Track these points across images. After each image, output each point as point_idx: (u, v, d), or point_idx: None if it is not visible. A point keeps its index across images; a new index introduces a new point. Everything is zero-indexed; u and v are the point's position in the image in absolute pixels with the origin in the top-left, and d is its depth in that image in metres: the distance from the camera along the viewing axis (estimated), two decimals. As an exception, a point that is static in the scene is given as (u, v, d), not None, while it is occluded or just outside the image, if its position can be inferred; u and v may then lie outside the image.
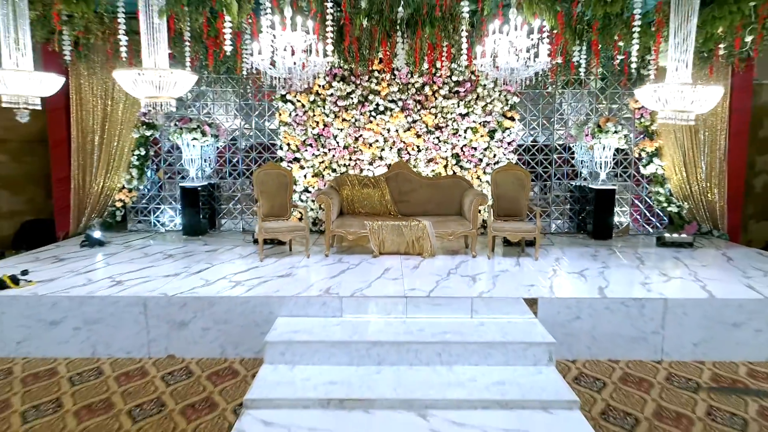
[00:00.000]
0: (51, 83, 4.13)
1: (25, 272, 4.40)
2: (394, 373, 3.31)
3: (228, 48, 4.36)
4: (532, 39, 3.96)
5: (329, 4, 4.01)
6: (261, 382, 3.22)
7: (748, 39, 4.35)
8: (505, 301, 3.96)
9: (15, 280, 4.13)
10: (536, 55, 4.03)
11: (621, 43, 4.67)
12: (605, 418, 3.10)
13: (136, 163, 6.49)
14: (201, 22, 4.39)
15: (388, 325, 3.75)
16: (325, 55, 4.20)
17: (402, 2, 4.05)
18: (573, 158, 6.68)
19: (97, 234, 5.78)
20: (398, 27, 4.48)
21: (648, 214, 6.73)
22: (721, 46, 4.84)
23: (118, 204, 6.52)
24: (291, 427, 2.80)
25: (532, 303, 3.96)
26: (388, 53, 5.06)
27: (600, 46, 4.79)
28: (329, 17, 4.14)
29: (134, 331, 3.90)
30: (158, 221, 6.74)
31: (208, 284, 4.24)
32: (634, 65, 4.45)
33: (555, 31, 4.47)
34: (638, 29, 4.27)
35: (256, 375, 3.39)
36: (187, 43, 4.89)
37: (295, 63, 3.95)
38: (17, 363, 3.83)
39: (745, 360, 3.89)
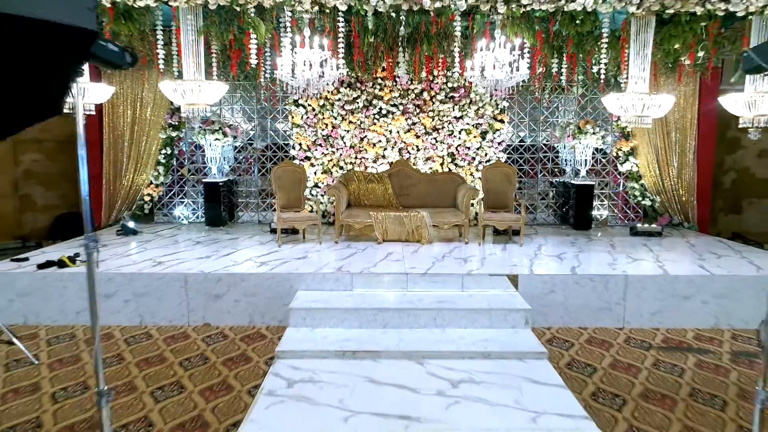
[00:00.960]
0: (104, 92, 4.83)
1: (77, 255, 5.09)
2: (396, 333, 4.02)
3: (252, 61, 5.06)
4: (513, 54, 4.67)
5: (341, 25, 4.71)
6: (288, 339, 3.92)
7: (701, 54, 5.04)
8: (490, 278, 4.66)
9: (72, 260, 4.84)
10: (517, 68, 4.74)
11: (594, 56, 5.37)
12: (569, 367, 3.80)
13: (163, 161, 7.19)
14: (229, 38, 5.09)
15: (392, 296, 4.45)
16: (338, 68, 4.90)
17: (403, 22, 4.74)
18: (557, 157, 7.39)
19: (131, 224, 6.49)
20: (400, 43, 5.18)
21: (625, 207, 7.44)
22: (682, 59, 5.54)
23: (146, 198, 7.22)
24: (314, 371, 3.50)
25: (513, 279, 4.67)
26: (390, 64, 5.77)
27: (577, 58, 5.50)
28: (341, 35, 4.84)
29: (176, 302, 4.60)
30: (182, 214, 7.44)
31: (237, 264, 4.94)
32: (602, 75, 5.15)
33: (536, 46, 5.17)
34: (606, 45, 4.97)
35: (281, 337, 4.08)
36: (214, 55, 5.60)
37: (310, 77, 4.66)
38: (78, 329, 4.52)
39: (693, 327, 4.60)
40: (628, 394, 3.40)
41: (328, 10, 4.49)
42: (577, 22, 4.67)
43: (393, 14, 4.57)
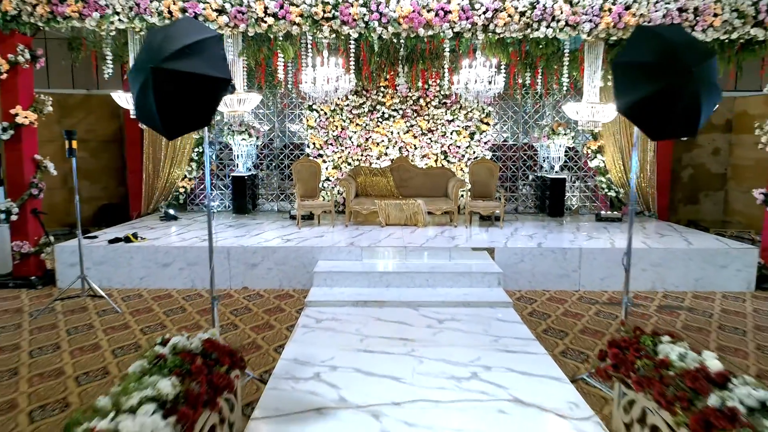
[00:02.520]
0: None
1: (135, 234, 6.23)
2: (396, 290, 5.17)
3: (280, 75, 6.21)
4: (491, 70, 5.81)
5: (352, 47, 5.85)
6: (313, 294, 5.07)
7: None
8: (472, 251, 5.81)
9: (135, 237, 5.99)
10: (495, 82, 5.88)
11: (560, 71, 6.51)
12: (530, 315, 4.94)
13: (195, 158, 8.34)
14: (259, 56, 6.23)
15: (393, 263, 5.60)
16: (349, 82, 6.04)
17: (402, 45, 5.87)
18: (536, 154, 8.54)
19: (171, 211, 7.64)
20: (400, 60, 6.32)
21: (594, 198, 8.59)
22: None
23: (181, 190, 8.37)
24: (335, 314, 4.64)
25: (491, 251, 5.81)
26: (392, 76, 6.92)
27: (546, 72, 6.65)
28: (352, 55, 5.98)
29: (221, 270, 5.74)
30: (211, 204, 8.59)
31: (267, 241, 6.09)
32: (565, 86, 6.30)
33: (512, 63, 6.32)
34: (568, 63, 6.12)
35: (307, 295, 5.21)
36: (245, 68, 6.73)
37: (328, 89, 5.80)
38: (143, 292, 5.67)
39: (634, 290, 5.74)
40: (571, 330, 4.55)
41: (342, 37, 5.63)
42: (542, 45, 5.82)
43: (394, 39, 5.71)
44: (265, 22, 5.44)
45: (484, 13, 5.38)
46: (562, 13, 5.39)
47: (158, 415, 1.88)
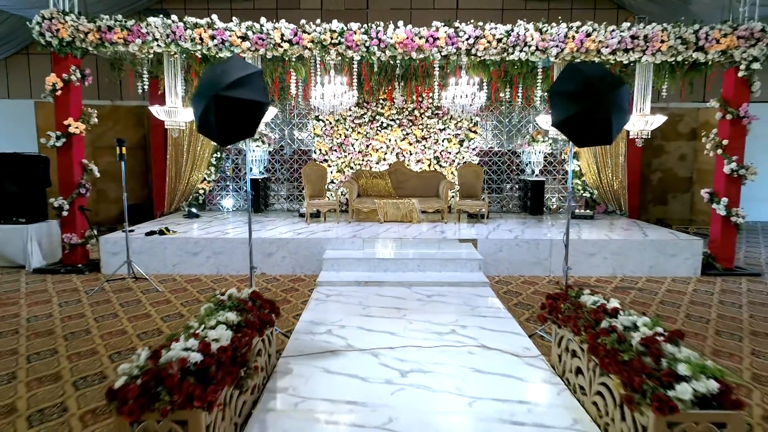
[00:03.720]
0: (186, 115, 6.94)
1: (168, 228, 7.17)
2: (393, 274, 6.11)
3: (293, 91, 7.18)
4: (474, 87, 6.79)
5: (355, 67, 6.82)
6: (323, 276, 6.02)
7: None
8: (459, 242, 6.76)
9: (168, 230, 6.94)
10: (477, 97, 6.86)
11: (535, 86, 7.48)
12: (505, 294, 5.88)
13: (214, 162, 9.30)
14: (275, 75, 7.20)
15: (390, 252, 6.55)
16: (352, 97, 7.02)
17: (398, 66, 6.84)
18: (519, 159, 9.51)
19: (194, 210, 8.59)
20: (396, 78, 7.31)
21: (571, 198, 9.56)
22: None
23: (200, 191, 9.33)
24: (341, 291, 5.58)
25: (474, 243, 6.76)
26: (390, 91, 7.89)
27: (524, 87, 7.63)
28: (355, 73, 6.96)
29: (242, 258, 6.68)
30: (227, 204, 9.56)
31: (282, 234, 7.04)
32: (538, 100, 7.28)
33: (493, 80, 7.30)
34: (541, 80, 7.10)
35: (317, 279, 6.15)
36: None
37: (335, 103, 6.78)
38: (176, 276, 6.61)
39: (596, 275, 6.69)
40: (536, 304, 5.49)
41: (347, 59, 6.60)
42: (517, 65, 6.80)
43: (391, 61, 6.68)
44: (282, 47, 6.43)
45: (467, 39, 6.37)
46: (533, 39, 6.38)
47: (229, 331, 2.83)
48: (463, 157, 9.30)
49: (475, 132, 9.26)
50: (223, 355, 2.53)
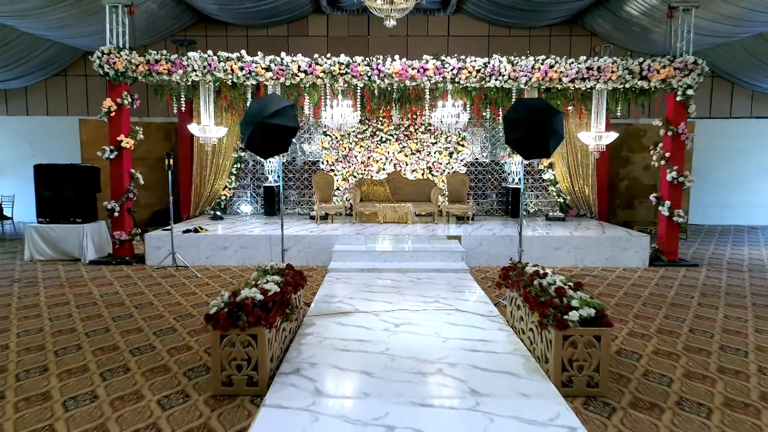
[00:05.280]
0: (220, 131, 8.28)
1: (199, 228, 8.47)
2: (391, 263, 7.40)
3: (306, 111, 8.53)
4: (458, 109, 8.14)
5: (358, 92, 8.17)
6: (332, 265, 7.31)
7: (570, 108, 8.52)
8: (446, 239, 8.06)
9: (201, 229, 8.25)
10: (460, 117, 8.20)
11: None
12: (482, 279, 7.16)
13: (234, 172, 10.63)
14: (291, 98, 8.55)
15: (388, 246, 7.85)
16: (356, 118, 8.37)
17: (395, 91, 8.20)
18: (502, 169, 10.83)
19: (219, 213, 9.91)
20: (393, 100, 8.66)
21: (547, 203, 10.87)
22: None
23: (223, 197, 10.65)
24: (348, 275, 6.87)
25: (459, 239, 8.07)
26: (388, 110, 9.26)
27: (502, 108, 8.98)
28: (358, 97, 8.30)
29: (264, 252, 7.97)
30: (245, 209, 10.87)
31: (298, 232, 8.34)
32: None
33: (475, 102, 8.65)
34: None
35: (328, 267, 7.43)
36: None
37: (342, 121, 8.12)
38: (209, 267, 7.89)
39: (561, 266, 7.98)
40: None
41: (352, 86, 7.96)
42: (494, 91, 8.15)
43: (389, 87, 8.04)
44: (298, 76, 7.79)
45: (452, 70, 7.73)
46: (506, 70, 7.74)
47: (276, 286, 4.12)
48: (452, 168, 10.63)
49: (462, 145, 10.61)
50: (276, 297, 3.83)
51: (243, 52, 7.81)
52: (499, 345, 4.32)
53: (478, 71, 7.77)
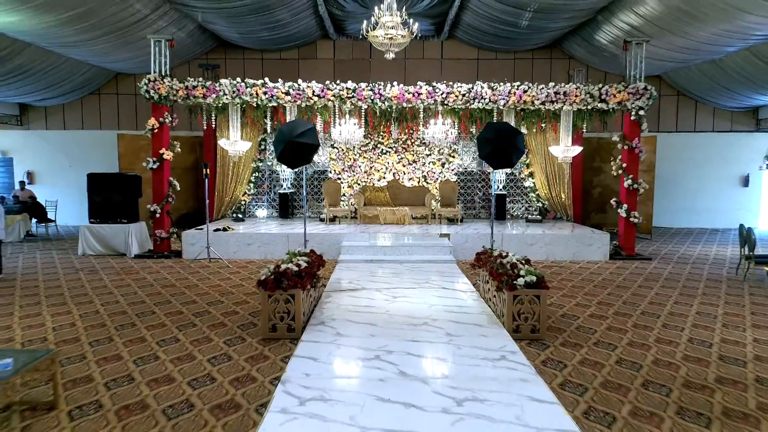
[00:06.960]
0: (246, 145, 9.74)
1: (227, 227, 9.89)
2: (390, 255, 8.83)
3: (317, 128, 9.99)
4: (446, 126, 9.61)
5: (363, 112, 9.65)
6: (342, 257, 8.74)
7: (543, 125, 10.00)
8: (438, 236, 9.50)
9: (229, 228, 9.68)
10: (449, 134, 9.67)
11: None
12: (467, 269, 8.57)
13: (253, 180, 12.09)
14: (305, 117, 10.02)
15: (388, 242, 9.28)
16: (361, 132, 9.84)
17: (394, 111, 9.67)
18: (489, 177, 12.29)
19: (240, 215, 11.35)
20: (393, 119, 10.14)
21: (528, 207, 12.32)
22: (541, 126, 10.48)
23: (242, 202, 12.09)
24: (356, 266, 8.28)
25: (448, 236, 9.50)
26: (388, 126, 10.75)
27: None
28: (363, 115, 9.77)
29: (282, 247, 9.38)
30: (262, 213, 12.32)
31: (311, 230, 9.76)
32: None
33: (462, 121, 10.13)
34: (497, 119, 9.91)
35: (338, 259, 8.84)
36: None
37: (349, 137, 9.59)
38: (236, 260, 9.31)
39: (536, 259, 9.38)
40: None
41: (357, 107, 9.44)
42: (478, 111, 9.62)
43: (389, 108, 9.52)
44: (312, 99, 9.27)
45: (441, 94, 9.21)
46: (487, 94, 9.22)
47: (305, 264, 5.54)
48: (445, 176, 12.09)
49: (453, 156, 12.08)
50: (306, 270, 5.27)
51: (266, 79, 9.30)
52: (472, 309, 5.75)
53: (463, 95, 9.26)
